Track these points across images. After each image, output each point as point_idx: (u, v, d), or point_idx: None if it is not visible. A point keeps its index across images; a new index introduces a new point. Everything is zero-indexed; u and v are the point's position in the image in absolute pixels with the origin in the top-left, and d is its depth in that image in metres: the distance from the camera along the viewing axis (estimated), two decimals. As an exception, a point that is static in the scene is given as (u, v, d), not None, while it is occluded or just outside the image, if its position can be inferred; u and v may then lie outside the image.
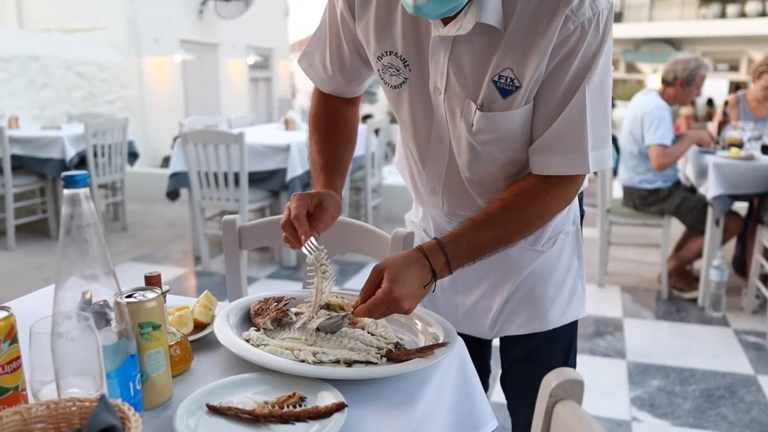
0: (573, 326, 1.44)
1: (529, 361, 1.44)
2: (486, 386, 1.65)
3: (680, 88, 3.74)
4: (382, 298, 1.06)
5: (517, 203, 1.18)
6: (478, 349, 1.55)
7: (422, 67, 1.20)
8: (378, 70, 1.28)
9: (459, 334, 1.42)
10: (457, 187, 1.31)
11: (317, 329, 1.12)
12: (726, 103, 4.25)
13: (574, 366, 1.48)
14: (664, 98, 3.74)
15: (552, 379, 0.79)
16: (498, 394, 1.65)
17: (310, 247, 1.14)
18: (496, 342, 1.50)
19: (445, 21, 1.12)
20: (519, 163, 1.24)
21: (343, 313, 1.14)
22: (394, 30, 1.21)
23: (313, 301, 1.15)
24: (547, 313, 1.38)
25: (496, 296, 1.39)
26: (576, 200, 1.40)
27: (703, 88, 3.89)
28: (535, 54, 1.08)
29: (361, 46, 1.30)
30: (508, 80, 1.12)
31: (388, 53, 1.23)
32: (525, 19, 1.08)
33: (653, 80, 20.19)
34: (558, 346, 1.43)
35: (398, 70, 1.23)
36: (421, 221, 1.51)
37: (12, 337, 0.88)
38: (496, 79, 1.12)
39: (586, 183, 1.33)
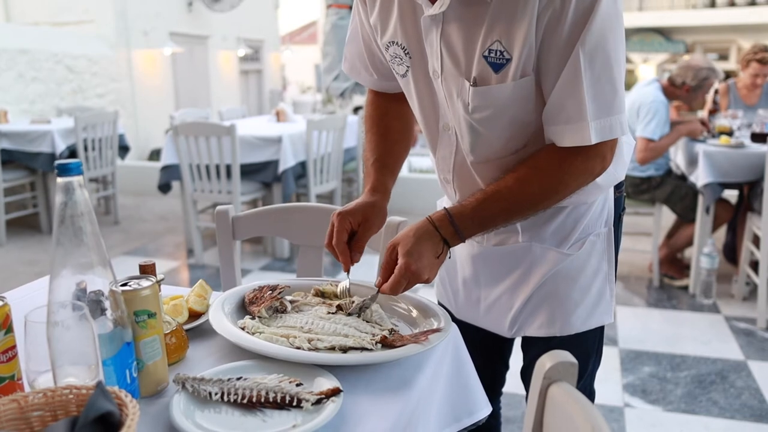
0: (597, 332, 1.38)
1: None
2: (502, 382, 1.65)
3: (686, 93, 3.73)
4: (402, 274, 1.10)
5: (528, 177, 1.15)
6: (498, 345, 1.54)
7: (422, 53, 1.19)
8: (389, 61, 1.28)
9: (479, 329, 1.43)
10: (466, 176, 1.29)
11: (348, 314, 1.15)
12: (716, 92, 4.26)
13: (594, 373, 1.45)
14: (666, 93, 3.73)
15: (546, 362, 0.80)
16: (510, 384, 1.66)
17: (344, 290, 1.24)
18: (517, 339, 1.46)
19: (433, 0, 1.11)
20: (523, 138, 1.20)
21: (370, 295, 1.18)
22: (393, 19, 1.21)
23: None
24: (570, 317, 1.32)
25: (517, 294, 1.34)
26: (611, 199, 1.34)
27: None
28: (521, 22, 1.05)
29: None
30: (498, 53, 1.08)
31: (392, 43, 1.23)
32: None
33: (644, 70, 20.23)
34: (579, 351, 1.34)
35: (401, 59, 1.23)
36: None
37: (7, 327, 0.88)
38: (486, 53, 1.09)
39: (614, 169, 1.23)
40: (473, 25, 1.10)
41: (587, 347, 1.38)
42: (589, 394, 1.48)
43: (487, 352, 1.53)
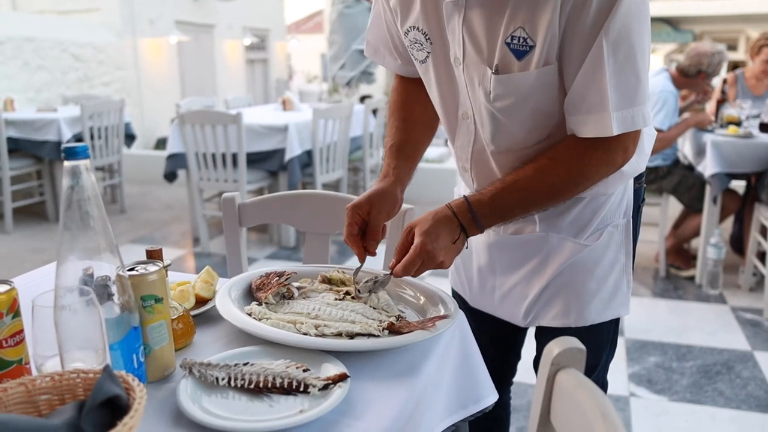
0: (612, 324, 1.37)
1: None
2: (513, 372, 1.64)
3: (701, 80, 3.71)
4: (417, 253, 1.10)
5: (548, 167, 1.14)
6: (511, 335, 1.53)
7: (443, 39, 1.18)
8: (408, 47, 1.27)
9: (493, 319, 1.42)
10: (485, 165, 1.27)
11: (358, 291, 1.16)
12: (724, 82, 4.23)
13: (607, 365, 1.44)
14: (675, 83, 3.70)
15: (554, 348, 0.79)
16: (522, 374, 1.66)
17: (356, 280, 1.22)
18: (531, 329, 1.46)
19: None
20: (545, 129, 1.18)
21: (384, 273, 1.18)
22: (415, 4, 1.19)
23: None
24: (586, 309, 1.30)
25: (533, 283, 1.32)
26: (631, 190, 1.32)
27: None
28: (545, 9, 1.02)
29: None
30: (521, 40, 1.06)
31: (413, 28, 1.21)
32: None
33: (652, 59, 20.13)
34: (593, 342, 1.31)
35: (422, 45, 1.22)
36: None
37: (15, 311, 0.88)
38: (508, 40, 1.07)
39: (635, 160, 1.20)
40: (496, 11, 1.08)
41: (602, 339, 1.38)
42: (602, 385, 1.47)
43: (500, 341, 1.52)
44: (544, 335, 1.41)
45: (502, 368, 1.54)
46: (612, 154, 1.12)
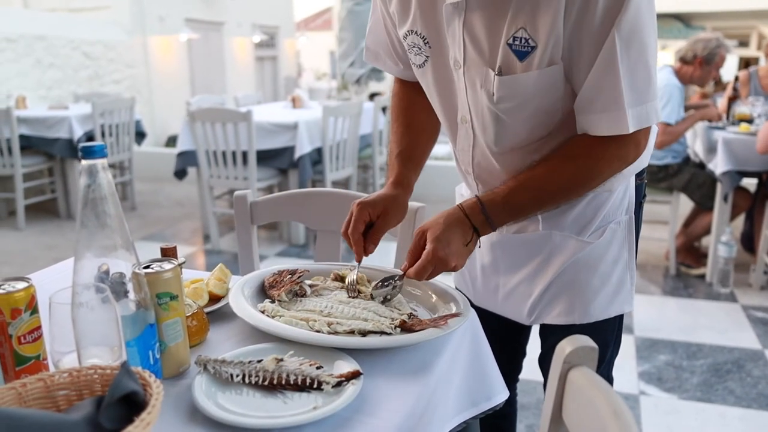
0: (617, 320, 1.37)
1: None
2: (519, 369, 1.65)
3: (699, 67, 3.68)
4: (429, 260, 1.11)
5: (560, 165, 1.15)
6: (515, 333, 1.54)
7: (442, 43, 1.17)
8: (407, 51, 1.27)
9: (498, 316, 1.43)
10: (488, 167, 1.28)
11: (371, 296, 1.17)
12: (736, 79, 4.20)
13: (612, 361, 1.44)
14: (678, 76, 3.69)
15: (566, 346, 0.80)
16: (524, 371, 1.67)
17: (353, 281, 1.22)
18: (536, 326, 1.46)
19: None
20: (548, 126, 1.18)
21: (397, 276, 1.18)
22: (412, 8, 1.19)
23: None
24: (590, 305, 1.31)
25: (537, 281, 1.32)
26: (632, 187, 1.32)
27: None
28: (547, 9, 1.02)
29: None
30: (523, 41, 1.05)
31: (411, 32, 1.21)
32: None
33: (662, 57, 20.01)
34: (598, 339, 1.33)
35: (420, 49, 1.21)
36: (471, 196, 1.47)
37: (33, 307, 0.89)
38: (510, 41, 1.07)
39: (645, 153, 1.19)
40: (497, 12, 1.07)
41: (606, 335, 1.38)
42: (607, 380, 1.47)
43: (505, 339, 1.53)
44: (549, 333, 1.41)
45: (507, 366, 1.55)
46: (624, 148, 1.12)
